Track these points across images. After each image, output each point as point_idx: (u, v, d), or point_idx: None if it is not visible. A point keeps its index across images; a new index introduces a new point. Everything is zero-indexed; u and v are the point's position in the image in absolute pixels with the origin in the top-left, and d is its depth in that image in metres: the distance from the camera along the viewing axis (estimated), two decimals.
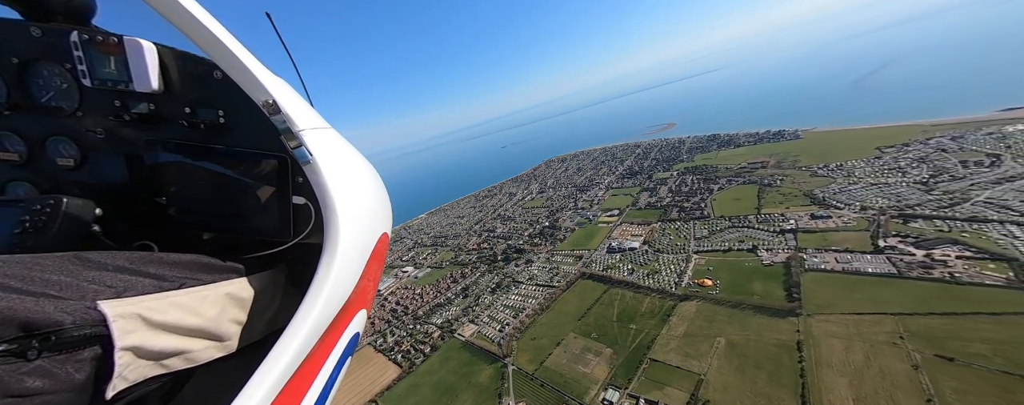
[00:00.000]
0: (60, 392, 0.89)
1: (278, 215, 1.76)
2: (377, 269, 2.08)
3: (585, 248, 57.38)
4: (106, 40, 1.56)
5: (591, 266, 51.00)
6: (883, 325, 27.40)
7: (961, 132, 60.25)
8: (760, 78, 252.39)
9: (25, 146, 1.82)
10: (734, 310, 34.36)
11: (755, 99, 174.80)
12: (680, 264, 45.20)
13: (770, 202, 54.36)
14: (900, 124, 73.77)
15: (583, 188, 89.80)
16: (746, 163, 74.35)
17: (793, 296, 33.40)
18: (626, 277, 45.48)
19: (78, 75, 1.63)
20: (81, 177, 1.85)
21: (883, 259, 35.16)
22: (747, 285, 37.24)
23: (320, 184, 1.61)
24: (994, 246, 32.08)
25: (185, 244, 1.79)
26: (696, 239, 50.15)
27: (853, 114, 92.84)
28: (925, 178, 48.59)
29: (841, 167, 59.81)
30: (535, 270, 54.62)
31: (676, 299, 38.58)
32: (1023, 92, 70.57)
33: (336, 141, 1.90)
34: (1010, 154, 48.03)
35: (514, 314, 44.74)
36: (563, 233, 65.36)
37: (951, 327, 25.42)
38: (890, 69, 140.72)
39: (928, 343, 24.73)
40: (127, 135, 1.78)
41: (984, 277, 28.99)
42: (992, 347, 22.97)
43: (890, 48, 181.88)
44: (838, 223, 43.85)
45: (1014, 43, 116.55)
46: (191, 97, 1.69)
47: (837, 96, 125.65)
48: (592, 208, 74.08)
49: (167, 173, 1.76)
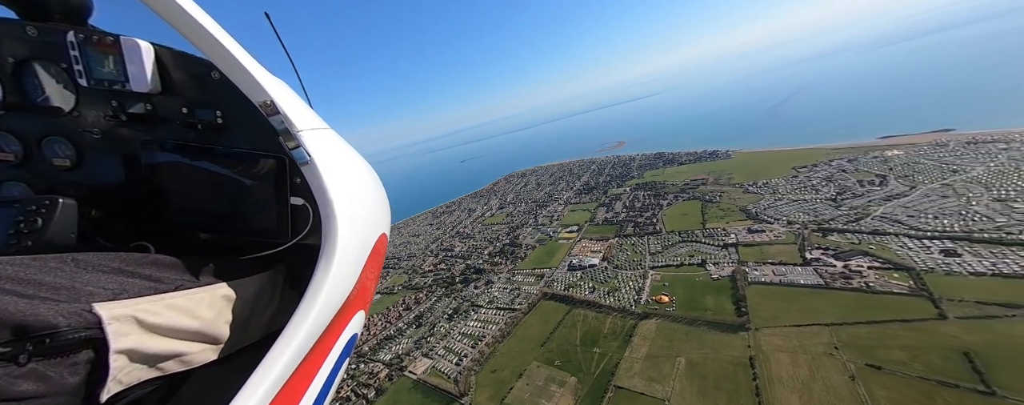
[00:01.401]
0: (54, 395, 0.88)
1: (276, 216, 1.75)
2: (376, 270, 2.03)
3: (546, 266, 56.32)
4: (102, 40, 1.55)
5: (553, 285, 49.81)
6: (820, 336, 29.30)
7: (854, 155, 70.98)
8: (693, 103, 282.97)
9: (21, 146, 1.79)
10: (690, 327, 34.95)
11: (691, 121, 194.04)
12: (638, 280, 45.86)
13: (712, 217, 58.34)
14: (808, 147, 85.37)
15: (543, 204, 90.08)
16: (689, 180, 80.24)
17: (742, 310, 34.93)
18: (588, 296, 44.88)
19: (74, 75, 1.61)
20: (77, 178, 1.83)
21: (811, 271, 38.55)
22: (700, 300, 38.44)
23: (318, 185, 1.59)
24: (895, 257, 36.78)
25: (182, 245, 1.82)
26: (651, 254, 51.65)
27: (771, 137, 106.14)
28: (834, 195, 55.66)
29: (767, 184, 66.75)
30: (496, 292, 52.00)
31: (636, 318, 38.53)
32: (896, 123, 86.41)
33: (334, 142, 1.87)
34: (893, 175, 57.12)
35: (473, 343, 41.43)
36: (524, 251, 63.89)
37: (874, 335, 27.87)
38: (795, 100, 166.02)
39: (859, 353, 26.71)
40: (124, 135, 1.76)
41: (892, 286, 32.76)
42: (909, 354, 25.37)
43: (794, 82, 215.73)
44: (771, 237, 47.93)
45: (887, 82, 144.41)
46: (188, 97, 1.68)
47: (756, 121, 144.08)
48: (552, 224, 73.98)
49: (164, 174, 1.75)
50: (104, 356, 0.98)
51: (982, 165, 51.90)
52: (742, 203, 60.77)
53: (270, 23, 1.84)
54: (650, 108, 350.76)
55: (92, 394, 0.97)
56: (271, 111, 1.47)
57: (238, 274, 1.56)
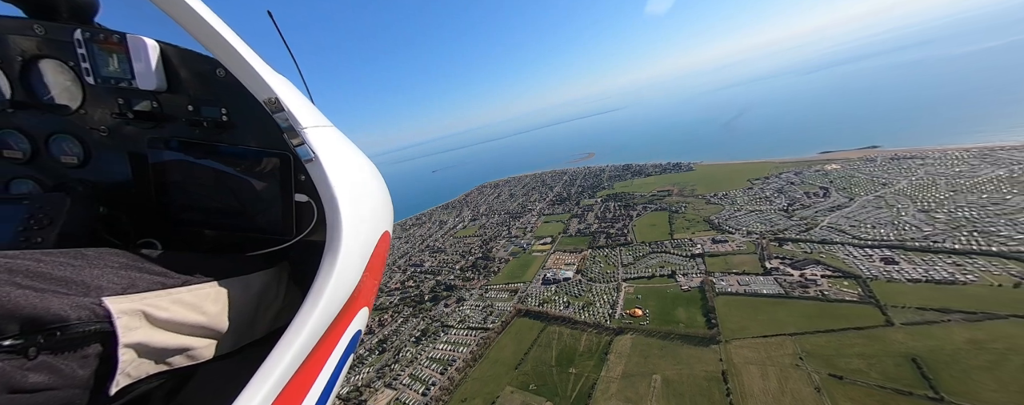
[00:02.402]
0: (63, 388, 0.89)
1: (281, 213, 1.77)
2: (379, 267, 2.05)
3: (520, 280, 54.77)
4: (109, 38, 1.56)
5: (527, 301, 48.25)
6: (785, 347, 30.08)
7: (800, 169, 77.25)
8: (655, 118, 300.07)
9: (29, 144, 1.81)
10: (665, 342, 34.78)
11: (654, 135, 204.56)
12: (612, 293, 45.59)
13: (679, 228, 60.19)
14: (759, 161, 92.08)
15: (516, 215, 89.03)
16: (656, 191, 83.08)
17: (712, 322, 35.40)
18: (562, 312, 43.77)
19: (81, 73, 1.63)
20: (85, 175, 1.85)
21: (772, 280, 40.23)
22: (672, 313, 38.64)
23: (323, 181, 1.60)
24: (843, 265, 39.36)
25: (188, 242, 1.86)
26: (623, 266, 51.91)
27: (726, 151, 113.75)
28: (785, 206, 59.62)
29: (726, 196, 70.47)
30: (467, 310, 49.45)
31: (612, 333, 37.88)
32: (831, 140, 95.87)
33: (338, 139, 1.88)
34: (833, 187, 62.42)
35: (442, 369, 38.56)
36: (497, 265, 61.99)
37: (833, 344, 29.04)
38: (745, 117, 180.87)
39: (821, 363, 27.58)
40: (130, 133, 1.78)
41: (844, 294, 34.77)
42: (866, 362, 26.53)
43: (742, 100, 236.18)
44: (734, 247, 49.96)
45: (820, 103, 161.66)
46: (194, 95, 1.70)
47: (712, 135, 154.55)
48: (526, 236, 72.90)
49: (170, 171, 1.76)
50: (113, 350, 0.99)
51: (905, 179, 58.09)
52: (705, 214, 63.41)
53: (273, 21, 1.82)
54: (616, 121, 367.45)
55: (101, 387, 0.99)
56: (276, 108, 1.48)
57: (244, 270, 1.56)
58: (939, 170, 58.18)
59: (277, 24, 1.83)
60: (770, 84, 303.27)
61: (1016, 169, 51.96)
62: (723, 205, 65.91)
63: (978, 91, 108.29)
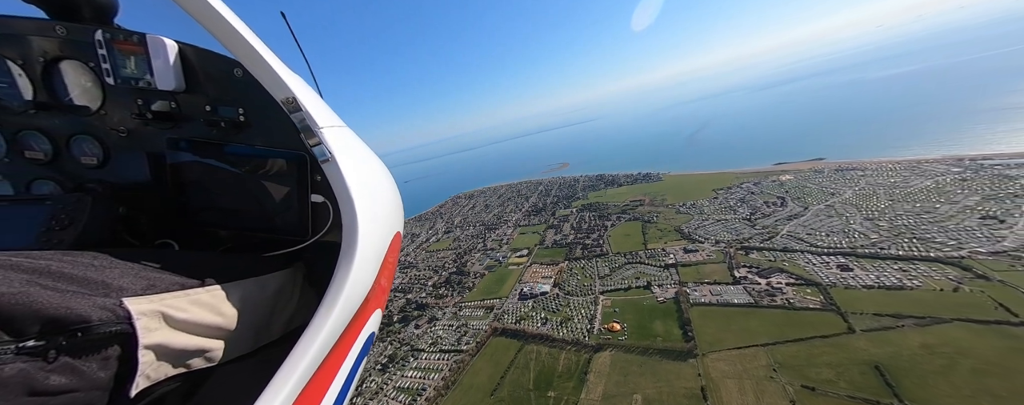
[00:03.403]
0: (84, 390, 0.89)
1: (297, 213, 1.77)
2: (391, 268, 2.05)
3: (496, 296, 52.72)
4: (129, 39, 1.58)
5: (503, 319, 46.25)
6: (758, 358, 30.35)
7: (758, 179, 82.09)
8: (625, 129, 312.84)
9: (50, 145, 1.84)
10: (644, 357, 34.13)
11: (624, 146, 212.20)
12: (589, 307, 44.80)
13: (652, 237, 61.20)
14: (722, 171, 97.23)
15: (492, 226, 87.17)
16: (629, 201, 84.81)
17: (688, 334, 35.33)
18: (540, 329, 42.21)
19: (102, 74, 1.65)
20: (104, 176, 1.87)
21: (741, 289, 41.24)
22: (650, 326, 38.31)
23: (339, 182, 1.60)
24: (805, 273, 41.17)
25: (205, 242, 1.87)
26: (600, 278, 51.51)
27: (692, 162, 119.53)
28: (748, 215, 62.55)
29: (694, 205, 73.06)
30: (440, 331, 46.54)
31: (591, 351, 36.79)
32: (782, 152, 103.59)
33: (352, 139, 1.88)
34: (789, 197, 66.53)
35: (411, 400, 35.44)
36: (472, 280, 59.56)
37: (803, 354, 29.66)
38: (707, 130, 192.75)
39: (794, 374, 27.94)
40: (149, 133, 1.79)
41: (808, 301, 36.10)
42: (834, 371, 27.18)
43: (703, 115, 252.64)
44: (704, 256, 51.19)
45: (771, 117, 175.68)
46: (212, 95, 1.70)
47: (678, 147, 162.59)
48: (502, 248, 71.14)
49: (188, 171, 1.78)
50: (133, 351, 0.98)
51: (850, 189, 63.06)
52: (676, 223, 65.09)
53: (286, 22, 1.83)
54: (588, 132, 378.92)
55: (121, 389, 0.98)
56: (293, 108, 1.48)
57: (260, 271, 1.55)
58: (878, 181, 63.77)
59: (290, 25, 1.82)
60: (725, 100, 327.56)
61: (940, 180, 57.96)
62: (692, 214, 68.10)
63: (901, 109, 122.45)
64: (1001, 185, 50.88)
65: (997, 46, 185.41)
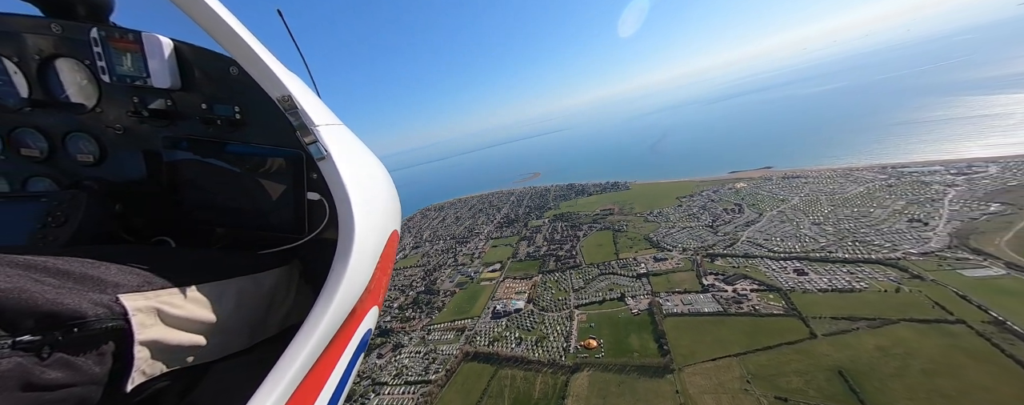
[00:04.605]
0: (80, 385, 0.90)
1: (293, 211, 1.78)
2: (389, 265, 2.07)
3: (468, 315, 49.86)
4: (124, 36, 1.58)
5: (476, 341, 43.51)
6: (732, 370, 30.38)
7: (716, 187, 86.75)
8: (592, 139, 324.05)
9: (46, 142, 1.85)
10: (622, 376, 33.10)
11: (592, 155, 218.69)
12: (565, 323, 43.46)
13: (623, 247, 61.73)
14: (683, 180, 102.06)
15: (462, 240, 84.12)
16: (599, 210, 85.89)
17: (664, 348, 34.91)
18: (514, 351, 40.02)
19: (97, 71, 1.65)
20: (100, 173, 1.88)
21: (710, 297, 41.97)
22: (626, 341, 37.58)
23: (334, 180, 1.61)
24: (766, 278, 42.83)
25: (201, 240, 1.88)
26: (574, 291, 50.55)
27: (656, 170, 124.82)
28: (710, 222, 65.24)
29: (661, 213, 75.30)
30: (406, 359, 42.75)
31: (568, 372, 35.20)
32: (735, 161, 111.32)
33: (348, 137, 1.89)
34: (745, 204, 70.55)
35: None
36: (442, 299, 56.19)
37: (773, 362, 30.10)
38: (667, 140, 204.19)
39: (766, 384, 28.11)
40: (145, 131, 1.81)
41: (772, 307, 37.28)
42: (803, 379, 27.67)
43: (662, 126, 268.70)
44: (673, 264, 52.09)
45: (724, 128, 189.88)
46: (208, 93, 1.71)
47: (642, 156, 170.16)
48: (473, 263, 68.40)
49: (184, 169, 1.79)
50: (128, 347, 0.99)
51: (797, 195, 68.07)
52: (645, 232, 66.35)
53: (282, 20, 1.83)
54: (557, 142, 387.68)
55: (116, 385, 0.99)
56: (289, 106, 1.49)
57: (256, 268, 1.56)
58: (820, 187, 69.49)
59: (286, 22, 1.82)
60: (681, 112, 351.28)
61: (870, 186, 64.23)
62: (659, 222, 69.90)
63: (831, 122, 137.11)
64: (920, 190, 57.19)
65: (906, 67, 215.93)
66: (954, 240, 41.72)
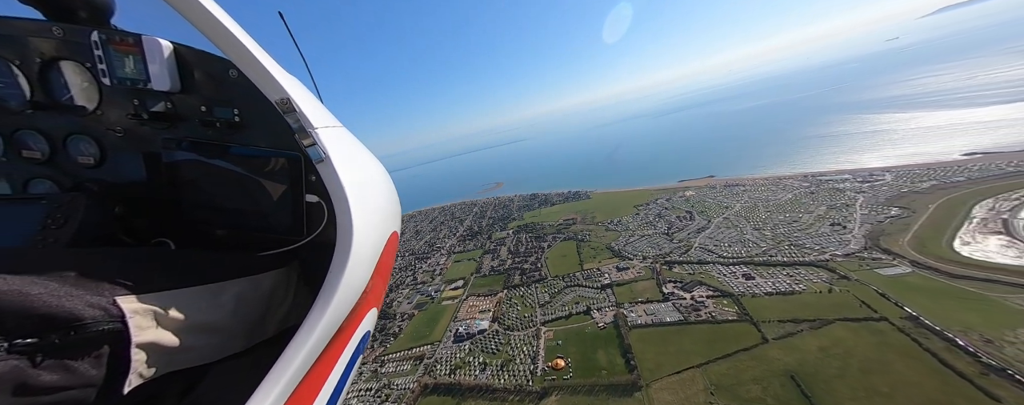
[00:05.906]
0: (77, 388, 0.90)
1: (292, 213, 1.79)
2: (388, 267, 2.08)
3: (427, 341, 45.99)
4: (125, 39, 1.59)
5: (436, 370, 39.92)
6: (697, 382, 30.54)
7: (668, 195, 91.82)
8: (551, 150, 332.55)
9: (47, 144, 1.87)
10: (591, 398, 31.84)
11: (553, 165, 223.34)
12: (531, 342, 41.60)
13: (587, 257, 61.94)
14: (638, 188, 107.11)
15: (423, 256, 79.41)
16: (562, 220, 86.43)
17: (631, 363, 34.42)
18: (478, 379, 37.18)
19: (98, 74, 1.67)
20: (101, 175, 1.89)
21: (671, 306, 42.83)
22: (593, 358, 36.63)
23: (333, 182, 1.62)
24: (719, 284, 44.85)
25: (200, 241, 1.89)
26: (540, 306, 49.11)
27: (613, 179, 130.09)
28: (666, 229, 68.17)
29: (620, 222, 77.45)
30: (354, 399, 37.79)
31: (536, 398, 33.25)
32: (682, 170, 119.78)
33: (348, 139, 1.90)
34: (695, 211, 75.09)
35: None
36: (399, 323, 51.55)
37: (732, 371, 30.77)
38: (622, 150, 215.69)
39: (728, 395, 28.49)
40: (145, 133, 1.82)
41: (727, 313, 38.76)
42: (760, 386, 28.44)
43: (616, 137, 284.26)
44: (635, 273, 52.96)
45: (670, 140, 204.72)
46: (207, 96, 1.72)
47: (600, 166, 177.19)
48: (434, 281, 64.35)
49: (183, 171, 1.80)
50: (126, 349, 0.99)
51: (739, 202, 73.87)
52: (606, 241, 67.42)
53: (284, 22, 1.84)
54: (519, 152, 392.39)
55: (114, 387, 0.98)
56: (287, 108, 1.50)
57: (254, 270, 1.56)
58: (756, 195, 76.17)
59: (288, 25, 1.83)
60: (632, 124, 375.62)
61: (796, 193, 71.68)
62: (619, 231, 71.60)
63: (761, 134, 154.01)
64: (836, 197, 64.80)
65: (812, 88, 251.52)
66: (868, 241, 47.20)
